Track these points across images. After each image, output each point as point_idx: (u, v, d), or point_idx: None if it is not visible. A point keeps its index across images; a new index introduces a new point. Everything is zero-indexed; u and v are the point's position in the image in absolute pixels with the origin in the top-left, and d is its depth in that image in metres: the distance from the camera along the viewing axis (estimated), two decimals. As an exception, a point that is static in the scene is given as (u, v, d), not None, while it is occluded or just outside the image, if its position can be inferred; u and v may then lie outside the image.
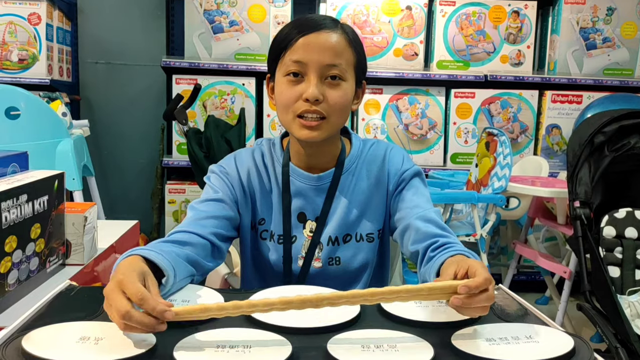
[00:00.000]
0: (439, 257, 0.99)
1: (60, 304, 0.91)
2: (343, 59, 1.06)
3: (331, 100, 1.06)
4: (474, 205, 2.47)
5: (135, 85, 3.48)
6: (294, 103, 1.06)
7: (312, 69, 1.05)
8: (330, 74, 1.05)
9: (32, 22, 3.04)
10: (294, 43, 1.05)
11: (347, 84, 1.08)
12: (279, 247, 1.15)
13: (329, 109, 1.06)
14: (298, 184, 1.15)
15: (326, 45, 1.05)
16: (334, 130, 1.09)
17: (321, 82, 1.05)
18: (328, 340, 0.77)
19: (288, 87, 1.06)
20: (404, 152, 1.22)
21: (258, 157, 1.18)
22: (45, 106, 2.01)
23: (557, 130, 3.33)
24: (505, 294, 1.00)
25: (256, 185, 1.16)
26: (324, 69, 1.05)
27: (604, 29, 3.30)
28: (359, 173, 1.17)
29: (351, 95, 1.10)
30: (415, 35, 3.27)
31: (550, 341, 0.77)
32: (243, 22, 3.21)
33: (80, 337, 0.76)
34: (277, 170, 1.16)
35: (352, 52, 1.09)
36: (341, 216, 1.14)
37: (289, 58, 1.06)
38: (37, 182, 1.11)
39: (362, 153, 1.19)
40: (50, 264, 1.19)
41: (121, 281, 0.78)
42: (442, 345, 0.77)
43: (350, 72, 1.09)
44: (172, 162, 3.20)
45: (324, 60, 1.04)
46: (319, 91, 1.04)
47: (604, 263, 1.83)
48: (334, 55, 1.05)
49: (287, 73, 1.06)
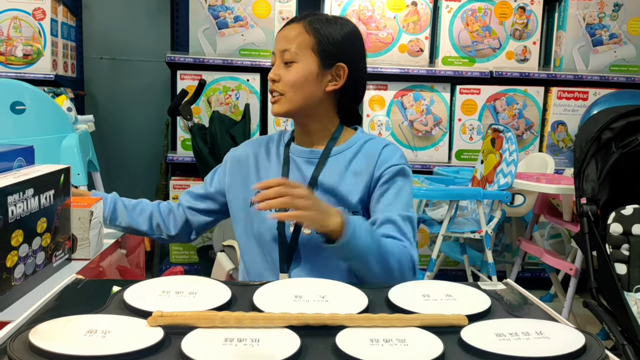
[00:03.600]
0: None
1: (67, 298, 0.90)
2: (294, 44, 1.24)
3: (284, 79, 1.25)
4: (480, 201, 2.46)
5: (140, 81, 3.48)
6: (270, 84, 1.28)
7: (277, 57, 1.27)
8: (285, 58, 1.25)
9: (36, 17, 3.04)
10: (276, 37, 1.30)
11: (299, 65, 1.24)
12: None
13: (283, 87, 1.25)
14: (295, 158, 1.32)
15: (283, 35, 1.26)
16: (293, 104, 1.25)
17: (280, 67, 1.25)
18: (336, 334, 0.76)
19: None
20: (400, 150, 1.30)
21: (269, 140, 1.39)
22: (50, 101, 2.00)
23: (562, 127, 3.32)
24: (514, 289, 1.00)
25: (256, 161, 1.36)
26: (281, 55, 1.25)
27: (611, 25, 3.28)
28: (352, 156, 1.28)
29: (307, 74, 1.24)
30: (421, 31, 3.26)
31: (561, 337, 0.77)
32: (248, 17, 3.20)
33: (87, 330, 0.75)
34: (280, 150, 1.35)
35: (309, 36, 1.24)
36: (329, 188, 1.25)
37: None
38: (43, 176, 1.11)
39: (359, 141, 1.30)
40: (57, 259, 1.19)
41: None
42: (452, 340, 0.76)
43: (306, 54, 1.24)
44: (177, 157, 3.20)
45: (279, 47, 1.26)
46: (274, 73, 1.26)
47: (610, 260, 1.82)
48: (286, 42, 1.25)
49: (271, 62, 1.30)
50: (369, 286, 0.98)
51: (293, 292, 0.91)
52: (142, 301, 0.86)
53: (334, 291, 0.93)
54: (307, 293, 0.91)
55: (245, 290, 0.92)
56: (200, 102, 3.18)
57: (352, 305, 0.86)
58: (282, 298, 0.89)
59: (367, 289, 0.94)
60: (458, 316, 0.82)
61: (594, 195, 1.91)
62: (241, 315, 0.79)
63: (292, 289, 0.93)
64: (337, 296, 0.91)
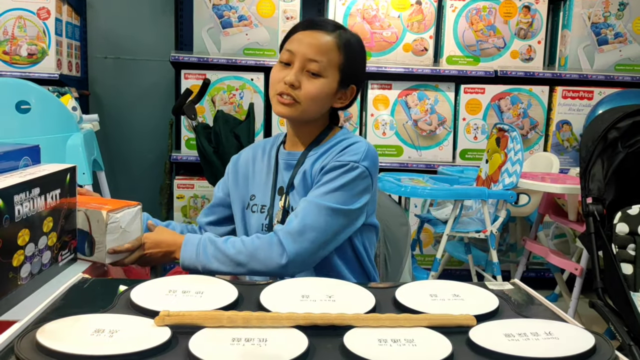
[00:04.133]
0: None
1: (73, 297, 0.90)
2: (326, 58, 1.23)
3: (304, 89, 1.23)
4: (484, 201, 2.45)
5: (144, 80, 3.48)
6: (277, 83, 1.25)
7: (297, 60, 1.24)
8: (310, 68, 1.23)
9: (41, 17, 3.04)
10: (292, 36, 1.26)
11: (324, 81, 1.24)
12: (261, 216, 1.34)
13: (301, 96, 1.24)
14: (280, 162, 1.35)
15: (314, 42, 1.23)
16: (304, 114, 1.26)
17: (301, 72, 1.24)
18: (344, 335, 0.76)
19: (278, 70, 1.27)
20: (363, 148, 1.25)
21: (267, 143, 1.41)
22: (55, 100, 2.01)
23: (567, 126, 3.31)
24: (521, 289, 0.99)
25: (253, 164, 1.39)
26: (306, 62, 1.23)
27: (616, 24, 3.26)
28: (320, 156, 1.30)
29: (328, 91, 1.25)
30: (425, 30, 3.25)
31: (570, 338, 0.76)
32: (252, 17, 3.20)
33: (94, 329, 0.75)
34: (272, 153, 1.38)
35: (339, 55, 1.25)
36: (299, 189, 1.29)
37: (286, 47, 1.27)
38: (49, 175, 1.11)
39: (333, 141, 1.31)
40: (62, 258, 1.19)
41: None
42: (460, 340, 0.76)
43: (332, 72, 1.25)
44: (181, 157, 3.20)
45: (307, 54, 1.23)
46: (295, 78, 1.23)
47: (616, 260, 1.81)
48: (317, 52, 1.23)
49: (281, 60, 1.27)
50: (376, 286, 0.97)
51: (300, 292, 0.91)
52: (149, 300, 0.86)
53: (340, 291, 0.93)
54: (314, 293, 0.90)
55: (252, 290, 0.92)
56: (205, 102, 3.18)
57: (359, 305, 0.86)
58: (289, 298, 0.89)
59: (374, 288, 0.94)
60: (466, 316, 0.82)
61: (600, 195, 1.90)
62: (248, 315, 0.79)
63: (298, 289, 0.92)
64: (344, 296, 0.91)
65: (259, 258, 1.20)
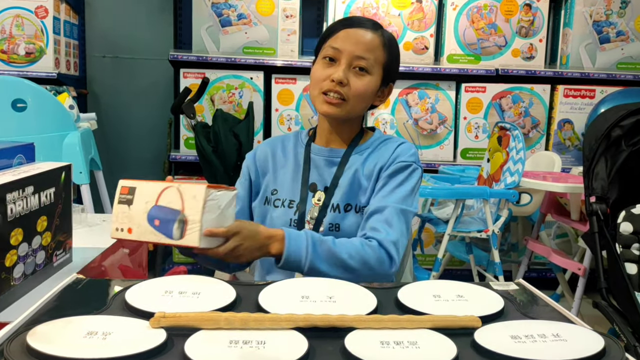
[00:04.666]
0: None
1: (66, 298, 0.88)
2: (373, 55, 1.22)
3: (353, 86, 1.21)
4: (486, 200, 2.42)
5: (143, 80, 3.46)
6: (322, 81, 1.22)
7: (344, 57, 1.21)
8: (358, 65, 1.21)
9: (39, 16, 3.02)
10: (336, 33, 1.23)
11: (371, 78, 1.23)
12: (288, 211, 1.29)
13: (349, 93, 1.21)
14: (315, 158, 1.31)
15: (361, 40, 1.22)
16: (351, 112, 1.24)
17: (349, 70, 1.21)
18: (345, 337, 0.74)
19: (322, 67, 1.24)
20: (413, 149, 1.30)
21: (285, 140, 1.37)
22: (52, 99, 1.98)
23: (569, 125, 3.29)
24: (526, 289, 0.97)
25: (274, 160, 1.34)
26: (354, 59, 1.21)
27: (618, 22, 3.24)
28: (369, 156, 1.29)
29: (374, 88, 1.25)
30: (426, 28, 3.23)
31: (579, 340, 0.74)
32: (251, 15, 3.18)
33: (87, 332, 0.73)
34: (298, 150, 1.33)
35: (384, 53, 1.24)
36: (346, 187, 1.26)
37: (329, 44, 1.24)
38: (44, 173, 1.09)
39: (377, 141, 1.32)
40: (57, 258, 1.17)
41: None
42: (465, 342, 0.74)
43: (378, 69, 1.24)
44: (180, 156, 3.17)
45: (355, 52, 1.21)
46: (344, 75, 1.20)
47: (620, 260, 1.79)
48: (365, 49, 1.21)
49: (325, 56, 1.24)
50: (378, 286, 0.95)
51: (300, 293, 0.88)
52: (144, 302, 0.83)
53: (341, 291, 0.90)
54: (314, 293, 0.88)
55: (251, 291, 0.90)
56: (204, 101, 3.15)
57: (360, 306, 0.84)
58: (289, 298, 0.87)
59: (376, 289, 0.92)
60: (471, 317, 0.79)
61: (604, 194, 1.87)
62: (246, 317, 0.77)
63: (298, 290, 0.90)
64: (345, 297, 0.88)
65: (370, 266, 1.15)
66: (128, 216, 1.01)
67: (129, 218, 1.01)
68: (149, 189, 1.01)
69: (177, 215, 0.99)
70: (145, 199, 1.01)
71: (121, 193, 1.03)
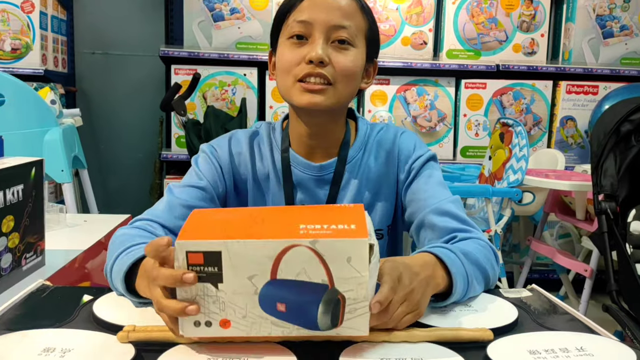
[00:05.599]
0: None
1: (28, 308, 0.78)
2: (353, 22, 0.95)
3: (338, 64, 0.93)
4: (489, 199, 2.33)
5: (133, 76, 3.36)
6: (295, 66, 0.93)
7: (318, 30, 0.93)
8: (339, 37, 0.94)
9: (25, 10, 2.92)
10: (300, 3, 0.95)
11: (357, 51, 0.96)
12: None
13: (335, 74, 0.93)
14: (298, 174, 1.02)
15: (334, 4, 0.94)
16: (339, 100, 0.96)
17: (327, 45, 0.93)
18: (340, 353, 0.64)
19: (290, 49, 0.94)
20: (415, 136, 1.09)
21: (256, 140, 1.06)
22: (32, 93, 1.88)
23: (572, 122, 3.20)
24: (541, 296, 0.88)
25: (250, 171, 1.04)
26: (332, 30, 0.93)
27: (622, 16, 3.15)
28: (366, 163, 1.04)
29: (361, 64, 0.97)
30: (424, 23, 3.14)
31: (607, 354, 0.65)
32: (244, 9, 3.08)
33: (44, 347, 0.63)
34: (275, 157, 1.04)
35: (363, 18, 0.97)
36: (349, 202, 1.03)
37: (292, 19, 0.95)
38: (10, 169, 0.99)
39: (369, 139, 1.06)
40: (27, 261, 1.07)
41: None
42: (476, 358, 0.65)
43: (361, 40, 0.97)
44: (171, 155, 3.08)
45: (331, 20, 0.93)
46: (324, 52, 0.92)
47: (631, 261, 1.70)
48: (343, 16, 0.94)
49: (291, 35, 0.94)
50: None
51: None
52: (114, 313, 0.74)
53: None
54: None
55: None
56: (196, 98, 3.06)
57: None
58: (277, 308, 0.77)
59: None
60: (481, 330, 0.70)
61: (613, 192, 1.79)
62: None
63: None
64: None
65: (495, 271, 0.92)
66: (216, 301, 0.62)
67: (219, 304, 0.62)
68: (250, 250, 0.61)
69: (320, 292, 0.62)
70: (249, 271, 0.61)
71: (191, 263, 0.61)
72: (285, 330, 0.63)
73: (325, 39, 0.93)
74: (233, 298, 0.62)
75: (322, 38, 0.92)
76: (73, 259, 1.24)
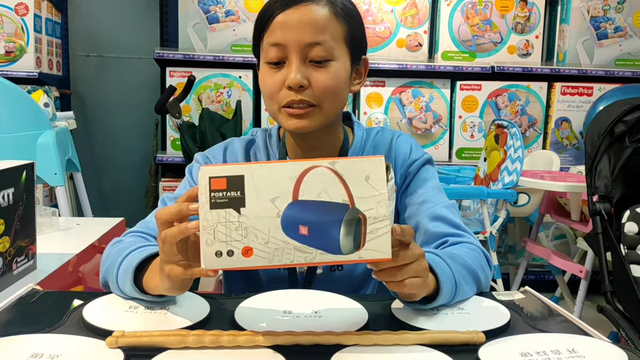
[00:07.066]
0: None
1: (17, 312, 0.78)
2: (327, 34, 0.91)
3: (318, 85, 0.91)
4: (484, 201, 2.33)
5: (128, 79, 3.36)
6: (277, 92, 0.92)
7: (292, 51, 0.90)
8: (315, 57, 0.91)
9: (19, 13, 2.91)
10: (271, 22, 0.92)
11: (337, 64, 0.93)
12: None
13: (318, 96, 0.91)
14: None
15: (305, 21, 0.90)
16: (327, 118, 0.94)
17: (304, 65, 0.91)
18: (332, 356, 0.64)
19: (269, 74, 0.93)
20: (411, 139, 1.08)
21: (252, 150, 1.05)
22: (25, 96, 1.88)
23: (566, 123, 3.20)
24: (534, 298, 0.88)
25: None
26: (306, 49, 0.90)
27: (616, 17, 3.16)
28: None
29: (345, 75, 0.95)
30: (419, 24, 3.14)
31: (598, 355, 0.65)
32: (239, 11, 3.08)
33: (31, 353, 0.63)
34: None
35: (340, 24, 0.93)
36: None
37: (267, 42, 0.92)
38: (0, 172, 0.98)
39: (365, 144, 1.05)
40: (18, 265, 1.06)
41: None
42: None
43: (341, 48, 0.93)
44: (167, 158, 3.07)
45: (304, 39, 0.90)
46: (301, 76, 0.90)
47: (626, 262, 1.70)
48: (315, 31, 0.90)
49: (267, 61, 0.93)
50: (369, 299, 0.85)
51: (281, 307, 0.79)
52: (103, 318, 0.74)
53: (329, 305, 0.81)
54: (298, 307, 0.78)
55: (226, 305, 0.80)
56: (191, 100, 3.05)
57: (350, 321, 0.74)
58: (269, 313, 0.77)
59: (367, 301, 0.82)
60: (473, 332, 0.70)
61: (607, 193, 1.79)
62: (218, 334, 0.67)
63: (280, 303, 0.80)
64: (333, 311, 0.79)
65: (486, 273, 0.92)
66: (238, 227, 0.62)
67: (241, 230, 0.62)
68: (272, 172, 0.63)
69: (342, 212, 0.63)
70: (272, 193, 0.62)
71: (213, 189, 0.62)
72: (308, 256, 0.62)
73: (301, 59, 0.91)
74: (256, 223, 0.62)
75: (297, 59, 0.90)
76: (65, 263, 1.23)
